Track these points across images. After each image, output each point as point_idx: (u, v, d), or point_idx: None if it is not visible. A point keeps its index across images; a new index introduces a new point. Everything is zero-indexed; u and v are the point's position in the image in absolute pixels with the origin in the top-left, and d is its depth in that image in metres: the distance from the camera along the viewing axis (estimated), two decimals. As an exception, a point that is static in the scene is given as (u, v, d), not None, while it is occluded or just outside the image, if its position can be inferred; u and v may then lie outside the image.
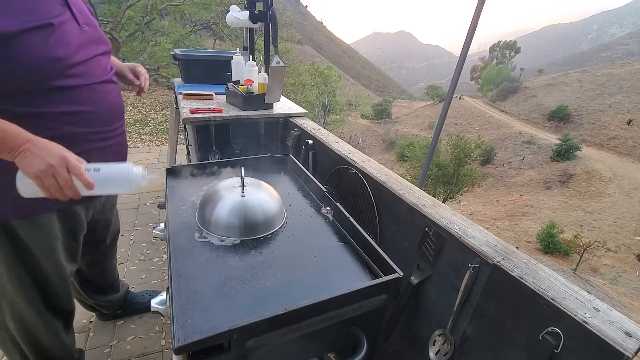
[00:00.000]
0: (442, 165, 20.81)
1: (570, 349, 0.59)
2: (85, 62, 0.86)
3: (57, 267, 1.01)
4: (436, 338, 0.88)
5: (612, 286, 14.71)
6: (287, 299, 0.71)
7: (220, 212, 0.89)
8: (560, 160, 27.56)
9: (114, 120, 0.98)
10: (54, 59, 0.77)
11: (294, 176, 1.30)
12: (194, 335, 0.59)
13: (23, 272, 0.95)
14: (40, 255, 0.95)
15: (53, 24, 0.76)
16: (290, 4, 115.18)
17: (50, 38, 0.76)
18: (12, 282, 0.94)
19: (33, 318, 1.02)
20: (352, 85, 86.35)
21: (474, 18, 2.27)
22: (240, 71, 1.92)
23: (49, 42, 0.76)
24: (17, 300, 0.97)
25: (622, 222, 20.40)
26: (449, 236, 0.85)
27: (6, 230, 0.87)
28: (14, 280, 0.94)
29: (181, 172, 1.22)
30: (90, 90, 0.88)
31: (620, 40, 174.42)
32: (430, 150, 2.78)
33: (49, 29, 0.75)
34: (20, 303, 0.98)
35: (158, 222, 1.87)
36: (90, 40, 0.89)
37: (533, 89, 42.76)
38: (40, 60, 0.75)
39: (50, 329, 1.08)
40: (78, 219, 1.03)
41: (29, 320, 1.02)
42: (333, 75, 28.64)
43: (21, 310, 1.00)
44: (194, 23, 13.83)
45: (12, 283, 0.94)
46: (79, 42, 0.84)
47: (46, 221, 0.92)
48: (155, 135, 6.82)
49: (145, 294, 1.68)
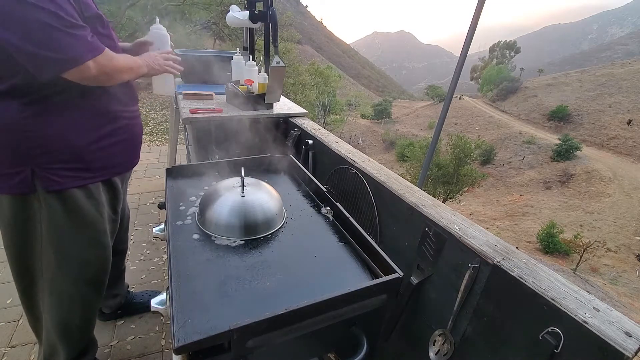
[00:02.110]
0: (442, 165, 20.80)
1: (570, 349, 0.59)
2: None
3: (103, 237, 1.08)
4: (436, 338, 0.88)
5: (612, 286, 14.71)
6: (287, 299, 0.71)
7: (220, 212, 0.89)
8: (560, 160, 27.57)
9: (134, 102, 1.15)
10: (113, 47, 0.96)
11: (294, 176, 1.30)
12: (194, 335, 0.58)
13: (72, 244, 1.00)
14: (91, 223, 1.02)
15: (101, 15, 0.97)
16: (290, 4, 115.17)
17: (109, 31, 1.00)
18: (59, 255, 0.99)
19: (71, 295, 1.06)
20: (352, 85, 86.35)
21: (474, 18, 2.28)
22: (240, 71, 1.92)
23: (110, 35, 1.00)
24: (60, 275, 1.02)
25: (622, 222, 20.40)
26: (449, 236, 0.85)
27: (63, 200, 0.95)
28: (61, 253, 0.99)
29: (181, 172, 1.22)
30: None
31: (620, 40, 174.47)
32: (430, 150, 2.78)
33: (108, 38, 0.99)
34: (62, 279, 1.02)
35: (158, 222, 1.87)
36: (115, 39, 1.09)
37: (533, 89, 42.77)
38: None
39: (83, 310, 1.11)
40: (117, 189, 1.13)
41: (67, 299, 1.05)
42: (333, 75, 28.62)
43: (62, 286, 1.03)
44: (194, 23, 13.83)
45: (58, 256, 0.99)
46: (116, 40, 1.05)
47: (95, 189, 1.02)
48: (155, 135, 6.82)
49: (145, 294, 1.68)
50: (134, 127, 1.12)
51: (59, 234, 0.98)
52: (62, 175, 0.92)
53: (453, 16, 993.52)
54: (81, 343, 1.19)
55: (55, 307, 1.06)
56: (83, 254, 1.04)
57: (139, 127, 1.16)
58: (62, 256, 1.00)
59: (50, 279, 1.02)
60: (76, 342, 1.17)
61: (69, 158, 0.93)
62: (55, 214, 0.95)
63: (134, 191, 2.89)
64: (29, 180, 0.89)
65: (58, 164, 0.91)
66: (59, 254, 1.00)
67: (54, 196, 0.93)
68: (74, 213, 0.98)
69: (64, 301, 1.06)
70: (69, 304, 1.07)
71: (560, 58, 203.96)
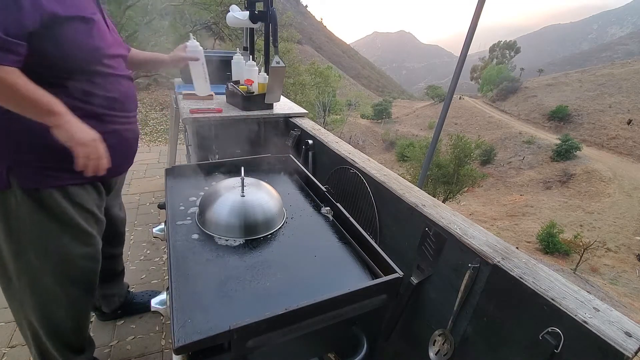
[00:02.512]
0: (442, 165, 20.79)
1: (570, 349, 0.59)
2: (114, 57, 1.01)
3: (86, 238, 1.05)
4: (436, 338, 0.88)
5: (612, 286, 14.71)
6: (287, 299, 0.71)
7: (220, 212, 0.89)
8: (560, 160, 27.55)
9: (130, 109, 1.11)
10: (95, 47, 0.92)
11: (294, 176, 1.30)
12: (194, 335, 0.59)
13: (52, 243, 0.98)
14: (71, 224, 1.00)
15: (94, 19, 0.91)
16: (290, 4, 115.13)
17: (92, 30, 0.91)
18: (39, 254, 0.97)
19: (56, 296, 1.04)
20: (352, 85, 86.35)
21: (474, 18, 2.28)
22: (240, 71, 1.92)
23: (92, 34, 0.91)
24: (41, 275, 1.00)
25: (622, 222, 20.39)
26: (449, 236, 0.85)
27: (40, 199, 0.93)
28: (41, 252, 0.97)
29: (181, 172, 1.22)
30: (117, 80, 1.02)
31: (620, 40, 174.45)
32: (430, 150, 2.78)
33: (90, 23, 0.90)
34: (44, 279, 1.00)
35: (158, 222, 1.87)
36: (116, 41, 1.04)
37: (533, 89, 42.75)
38: (85, 46, 0.89)
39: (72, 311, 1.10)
40: (101, 192, 1.11)
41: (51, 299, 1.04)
42: (333, 75, 28.61)
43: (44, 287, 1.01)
44: (194, 23, 13.83)
45: (38, 255, 0.97)
46: (111, 40, 1.00)
47: (74, 191, 0.99)
48: (155, 135, 6.82)
49: (145, 294, 1.68)
50: (126, 133, 1.08)
51: (38, 233, 0.96)
52: (40, 174, 0.91)
53: (453, 16, 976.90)
54: (76, 344, 1.18)
55: (39, 308, 1.04)
56: (65, 254, 1.02)
57: (132, 132, 1.13)
58: (42, 255, 0.98)
59: (31, 279, 1.00)
60: (69, 343, 1.15)
61: (48, 157, 0.90)
62: (32, 212, 0.93)
63: (134, 191, 2.89)
64: (4, 176, 0.87)
65: (36, 163, 0.90)
66: (38, 253, 0.98)
67: (31, 194, 0.92)
68: (52, 213, 0.95)
69: (49, 302, 1.05)
70: (55, 305, 1.06)
71: (560, 58, 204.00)
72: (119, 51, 1.05)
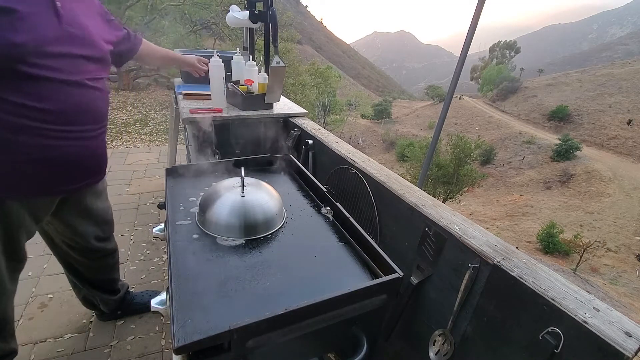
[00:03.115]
0: (442, 165, 20.78)
1: (570, 349, 0.59)
2: (57, 57, 0.85)
3: None
4: (436, 338, 0.88)
5: (612, 286, 14.70)
6: (287, 299, 0.71)
7: (220, 212, 0.89)
8: (560, 160, 27.54)
9: (82, 122, 0.96)
10: (15, 44, 0.77)
11: (294, 176, 1.30)
12: (194, 335, 0.58)
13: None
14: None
15: (17, 10, 0.77)
16: (290, 4, 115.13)
17: (15, 23, 0.77)
18: None
19: None
20: (352, 85, 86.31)
21: (474, 18, 2.27)
22: (240, 71, 1.92)
23: (13, 27, 0.77)
24: None
25: (622, 222, 20.39)
26: (449, 236, 0.85)
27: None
28: None
29: (181, 172, 1.22)
30: (58, 87, 0.88)
31: (620, 40, 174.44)
32: (430, 150, 2.78)
33: (13, 14, 0.76)
34: None
35: (158, 222, 1.87)
36: (70, 39, 0.88)
37: (533, 89, 42.74)
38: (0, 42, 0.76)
39: None
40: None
41: None
42: (333, 75, 28.61)
43: None
44: (194, 23, 13.83)
45: None
46: (52, 36, 0.84)
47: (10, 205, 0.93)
48: (155, 135, 6.82)
49: (145, 294, 1.68)
50: (67, 148, 0.94)
51: None
52: None
53: (453, 16, 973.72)
54: None
55: None
56: None
57: (83, 148, 0.98)
58: None
59: None
60: None
61: None
62: None
63: (134, 191, 2.89)
64: None
65: None
66: None
67: None
68: None
69: None
70: None
71: (560, 58, 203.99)
72: (73, 50, 0.89)
